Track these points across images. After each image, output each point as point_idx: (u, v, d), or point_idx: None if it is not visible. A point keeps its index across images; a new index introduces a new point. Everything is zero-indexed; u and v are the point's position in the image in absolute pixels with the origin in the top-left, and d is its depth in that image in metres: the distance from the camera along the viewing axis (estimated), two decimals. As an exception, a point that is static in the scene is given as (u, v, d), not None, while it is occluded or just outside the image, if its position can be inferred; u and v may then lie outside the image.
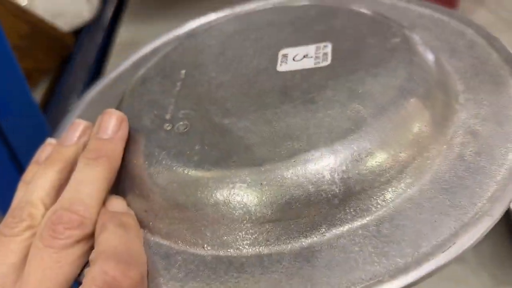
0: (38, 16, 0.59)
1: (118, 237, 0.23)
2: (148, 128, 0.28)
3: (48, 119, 0.55)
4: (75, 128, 0.28)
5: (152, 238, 0.25)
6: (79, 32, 0.71)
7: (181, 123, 0.28)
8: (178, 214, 0.25)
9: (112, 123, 0.27)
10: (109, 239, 0.22)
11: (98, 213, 0.24)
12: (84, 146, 0.27)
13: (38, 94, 0.59)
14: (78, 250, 0.23)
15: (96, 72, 0.65)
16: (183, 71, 0.32)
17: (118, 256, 0.22)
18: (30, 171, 0.28)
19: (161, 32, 0.44)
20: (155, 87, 0.31)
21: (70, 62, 0.64)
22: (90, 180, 0.24)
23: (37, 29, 0.58)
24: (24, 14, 0.56)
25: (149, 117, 0.28)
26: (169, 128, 0.27)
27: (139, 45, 0.46)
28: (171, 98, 0.30)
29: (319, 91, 0.27)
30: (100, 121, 0.27)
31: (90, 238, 0.23)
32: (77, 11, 0.75)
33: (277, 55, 0.31)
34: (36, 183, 0.25)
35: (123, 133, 0.27)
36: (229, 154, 0.25)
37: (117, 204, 0.25)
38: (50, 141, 0.29)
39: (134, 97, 0.31)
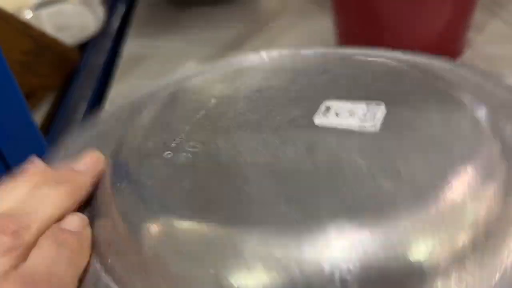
0: (42, 31, 0.57)
1: (46, 257, 0.20)
2: (147, 150, 0.26)
3: (53, 137, 0.54)
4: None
5: (104, 278, 0.22)
6: (84, 46, 0.70)
7: (183, 154, 0.25)
8: (136, 261, 0.22)
9: (87, 159, 0.26)
10: (36, 257, 0.20)
11: (41, 230, 0.21)
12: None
13: (43, 110, 0.57)
14: (5, 261, 0.19)
15: (102, 86, 0.64)
16: (213, 100, 0.30)
17: (34, 279, 0.19)
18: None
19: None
20: (179, 110, 0.30)
21: (75, 77, 0.63)
22: (45, 200, 0.23)
23: (41, 44, 0.57)
24: (28, 29, 0.55)
25: (155, 140, 0.27)
26: (168, 156, 0.25)
27: (145, 59, 0.44)
28: (187, 125, 0.27)
29: (350, 163, 0.23)
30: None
31: (23, 254, 0.20)
32: (83, 24, 0.74)
33: (318, 105, 0.27)
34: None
35: (95, 167, 0.26)
36: (208, 204, 0.22)
37: (72, 221, 0.23)
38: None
39: (153, 115, 0.29)
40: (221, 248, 0.20)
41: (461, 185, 0.21)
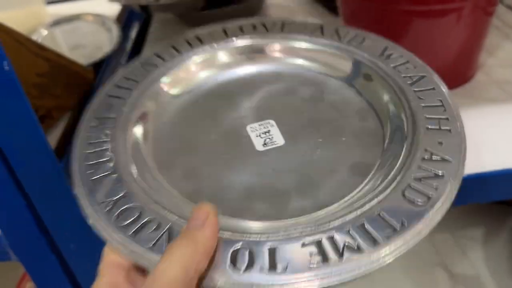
0: (57, 52, 0.58)
1: None
2: None
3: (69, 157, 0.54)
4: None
5: None
6: (99, 65, 0.70)
7: None
8: None
9: (201, 215, 0.31)
10: None
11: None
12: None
13: (58, 131, 0.58)
14: None
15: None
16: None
17: None
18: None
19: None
20: None
21: (90, 96, 0.64)
22: (173, 258, 0.29)
23: (57, 65, 0.57)
24: (43, 51, 0.56)
25: None
26: None
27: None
28: None
29: None
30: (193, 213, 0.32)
31: None
32: (98, 43, 0.75)
33: None
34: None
35: (212, 221, 0.31)
36: None
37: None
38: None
39: None
40: None
41: None
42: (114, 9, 0.84)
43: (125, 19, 0.84)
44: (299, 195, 0.37)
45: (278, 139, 0.41)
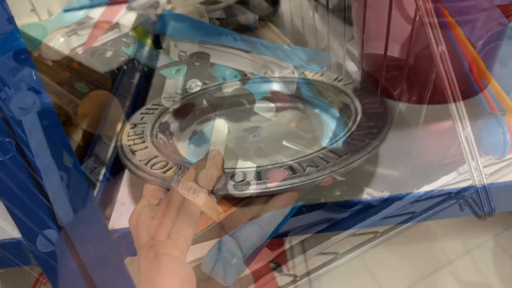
0: (78, 61, 0.59)
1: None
2: None
3: (89, 163, 0.55)
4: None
5: None
6: (116, 71, 0.71)
7: None
8: None
9: (213, 153, 0.48)
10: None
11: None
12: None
13: (77, 138, 0.59)
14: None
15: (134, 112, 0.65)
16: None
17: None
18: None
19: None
20: None
21: (108, 103, 0.65)
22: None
23: (77, 74, 0.59)
24: (65, 60, 0.57)
25: None
26: None
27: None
28: None
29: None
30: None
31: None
32: (115, 51, 0.76)
33: None
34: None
35: (220, 154, 0.48)
36: None
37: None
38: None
39: None
40: None
41: None
42: (130, 17, 0.85)
43: (141, 26, 0.85)
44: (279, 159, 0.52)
45: (265, 134, 0.59)
